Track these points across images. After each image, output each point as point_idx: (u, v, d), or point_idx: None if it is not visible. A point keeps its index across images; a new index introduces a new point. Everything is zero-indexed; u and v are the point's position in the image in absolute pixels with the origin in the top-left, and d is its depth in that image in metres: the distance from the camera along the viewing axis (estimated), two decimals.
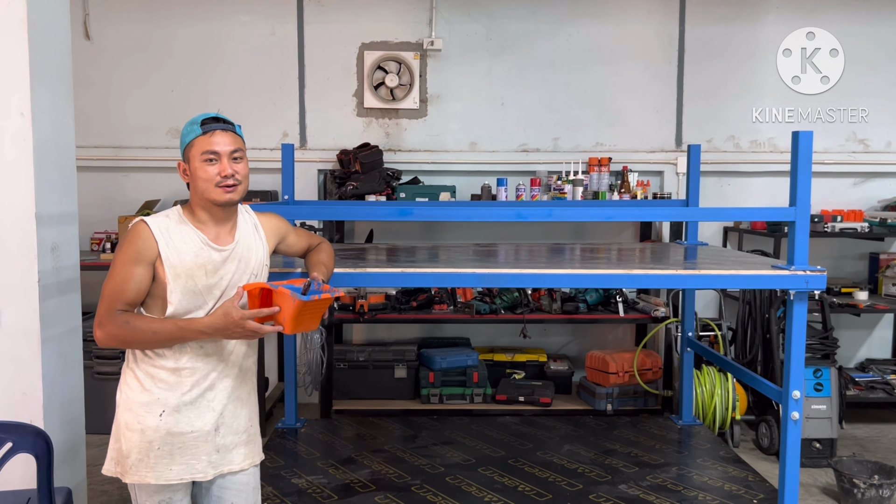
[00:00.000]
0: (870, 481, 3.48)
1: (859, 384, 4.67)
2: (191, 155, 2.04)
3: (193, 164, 2.04)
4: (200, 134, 2.04)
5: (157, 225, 2.01)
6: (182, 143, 2.07)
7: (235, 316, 1.89)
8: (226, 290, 2.06)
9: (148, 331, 1.93)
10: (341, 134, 5.00)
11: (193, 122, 2.06)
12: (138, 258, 1.96)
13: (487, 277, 2.77)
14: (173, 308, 1.98)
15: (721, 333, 4.56)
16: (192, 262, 2.01)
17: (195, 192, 2.06)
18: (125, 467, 2.02)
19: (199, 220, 2.07)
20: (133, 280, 1.95)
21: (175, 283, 1.98)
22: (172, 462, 2.01)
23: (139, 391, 2.01)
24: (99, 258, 4.62)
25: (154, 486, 2.01)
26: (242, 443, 2.14)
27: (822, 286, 2.75)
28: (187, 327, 1.94)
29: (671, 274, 2.83)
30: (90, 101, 4.95)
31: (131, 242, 1.98)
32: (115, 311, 1.93)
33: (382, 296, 4.64)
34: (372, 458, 3.43)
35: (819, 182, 4.83)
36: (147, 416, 1.99)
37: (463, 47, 5.04)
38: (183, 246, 2.01)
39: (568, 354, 5.23)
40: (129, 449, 2.00)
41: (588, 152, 5.05)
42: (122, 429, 2.03)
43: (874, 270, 5.09)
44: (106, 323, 1.92)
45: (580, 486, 3.12)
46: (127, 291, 1.95)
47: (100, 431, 4.31)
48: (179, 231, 2.03)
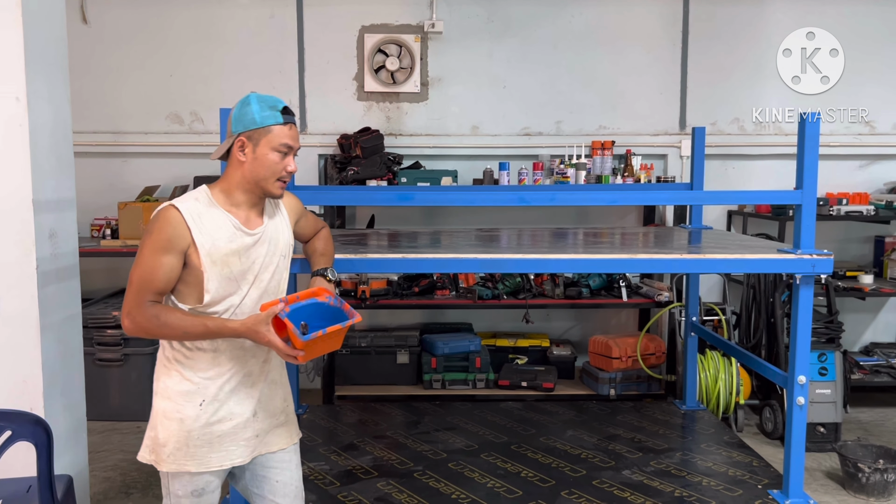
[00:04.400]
0: (874, 465, 3.46)
1: (864, 368, 4.65)
2: (263, 139, 1.95)
3: (262, 150, 1.96)
4: (281, 123, 1.97)
5: (188, 210, 1.92)
6: (251, 121, 1.96)
7: (263, 340, 1.86)
8: (258, 275, 2.01)
9: (178, 328, 1.87)
10: (342, 118, 4.95)
11: (270, 105, 1.97)
12: (169, 246, 1.88)
13: (490, 263, 2.74)
14: (210, 296, 1.93)
15: (725, 318, 4.53)
16: (226, 248, 1.94)
17: (247, 176, 1.97)
18: (161, 456, 1.97)
19: (232, 202, 2.00)
20: (163, 269, 1.88)
21: (212, 270, 1.92)
22: (212, 450, 1.98)
23: (178, 380, 1.97)
24: (99, 244, 4.60)
25: (190, 474, 1.97)
26: (279, 424, 2.13)
27: (829, 270, 2.72)
28: (217, 330, 1.89)
29: (675, 258, 2.80)
30: (88, 86, 4.91)
31: (161, 229, 1.89)
32: (145, 301, 1.87)
33: (384, 281, 4.62)
34: (374, 444, 3.42)
35: (824, 164, 4.73)
36: (187, 405, 1.95)
37: (464, 30, 4.98)
38: (216, 231, 1.94)
39: (571, 339, 5.21)
40: (167, 438, 1.96)
41: (591, 136, 5.00)
42: (159, 417, 1.98)
43: (879, 254, 5.05)
44: (135, 314, 1.87)
45: (583, 471, 3.11)
46: (156, 281, 1.88)
47: (101, 418, 4.34)
48: (211, 215, 1.95)
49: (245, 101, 1.99)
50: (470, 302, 4.58)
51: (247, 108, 1.97)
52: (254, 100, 1.98)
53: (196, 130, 5.01)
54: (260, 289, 2.03)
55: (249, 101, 1.98)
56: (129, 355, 4.39)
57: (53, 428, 2.10)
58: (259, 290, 2.02)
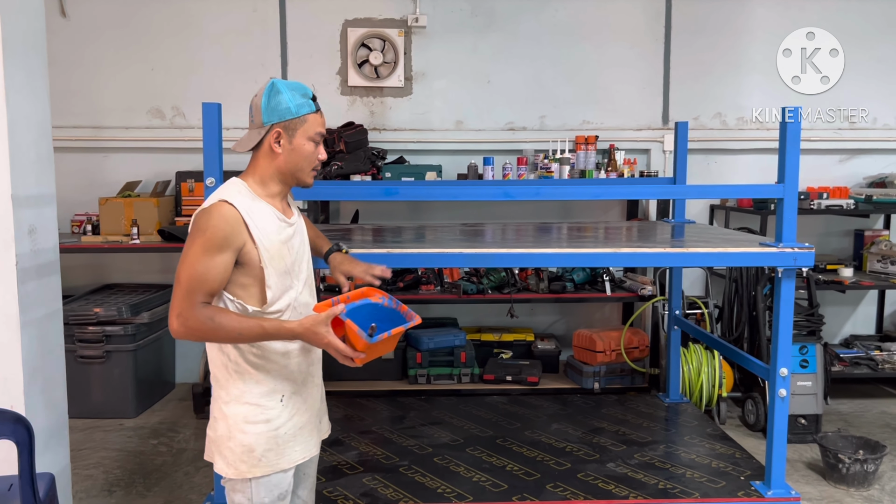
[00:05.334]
0: (854, 456, 3.51)
1: (844, 360, 4.71)
2: (300, 129, 1.92)
3: (298, 140, 1.92)
4: (314, 111, 1.93)
5: (242, 205, 1.85)
6: (286, 111, 1.90)
7: (323, 341, 1.82)
8: (301, 265, 2.00)
9: (234, 330, 1.79)
10: (325, 112, 4.89)
11: (303, 93, 1.93)
12: (225, 244, 1.81)
13: (474, 257, 2.74)
14: (272, 292, 1.88)
15: (707, 311, 4.57)
16: (277, 241, 1.91)
17: (282, 167, 1.93)
18: (251, 462, 1.91)
19: (269, 192, 1.95)
20: (218, 269, 1.80)
21: (270, 266, 1.88)
22: (296, 444, 1.98)
23: (255, 382, 1.92)
24: (80, 240, 4.55)
25: (276, 477, 1.94)
26: (325, 410, 2.18)
27: (810, 263, 2.75)
28: (275, 332, 1.83)
29: (658, 252, 2.81)
30: (68, 80, 4.85)
31: (217, 227, 1.80)
32: (198, 303, 1.78)
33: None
34: (359, 440, 3.42)
35: (805, 159, 4.79)
36: (269, 405, 1.93)
37: (448, 24, 4.97)
38: (267, 224, 1.89)
39: (555, 333, 5.23)
40: (255, 442, 1.91)
41: (575, 130, 5.01)
42: (240, 424, 1.91)
43: (859, 247, 5.11)
44: (187, 316, 1.78)
45: (568, 464, 3.12)
46: (211, 281, 1.80)
47: (83, 416, 4.30)
48: (258, 208, 1.90)
49: (274, 90, 1.92)
50: (455, 297, 4.58)
51: (279, 97, 1.91)
52: (284, 88, 1.92)
53: (178, 125, 4.97)
54: (302, 280, 2.01)
55: (280, 90, 1.91)
56: (111, 352, 4.34)
57: (34, 425, 2.07)
58: (302, 282, 2.01)
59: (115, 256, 5.01)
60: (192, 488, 3.50)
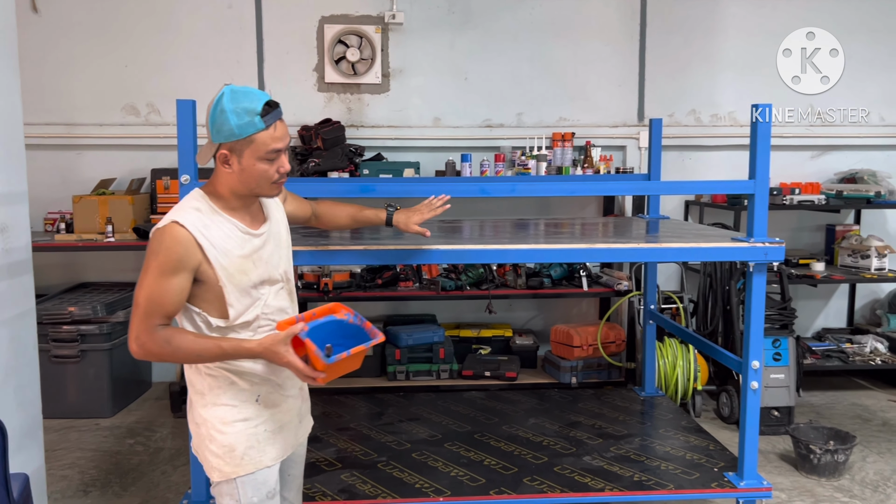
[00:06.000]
0: (825, 447, 3.58)
1: (816, 353, 4.79)
2: (246, 150, 1.79)
3: (247, 161, 1.80)
4: (263, 129, 1.78)
5: (194, 225, 1.79)
6: (229, 133, 1.77)
7: (283, 360, 1.79)
8: (272, 274, 1.93)
9: (192, 352, 1.78)
10: (302, 109, 4.91)
11: (247, 109, 1.77)
12: (178, 267, 1.77)
13: (452, 254, 2.75)
14: (234, 310, 1.85)
15: (682, 306, 4.63)
16: (238, 256, 1.84)
17: (236, 187, 1.85)
18: (234, 461, 1.90)
19: (230, 206, 1.88)
20: (174, 291, 1.77)
21: (230, 283, 1.83)
22: (276, 441, 1.97)
23: (227, 384, 1.90)
24: (53, 239, 4.50)
25: (261, 475, 1.92)
26: (308, 408, 2.15)
27: (781, 258, 2.79)
28: (233, 352, 1.80)
29: (634, 247, 2.84)
30: (39, 76, 4.79)
31: (170, 250, 1.76)
32: (155, 326, 1.76)
33: (347, 274, 4.61)
34: (338, 437, 3.42)
35: (778, 155, 4.88)
36: (245, 404, 1.91)
37: (425, 21, 4.97)
38: (226, 242, 1.83)
39: (533, 329, 5.26)
40: (235, 441, 1.89)
41: (551, 127, 5.04)
42: (217, 425, 1.90)
43: (830, 242, 5.20)
44: (145, 340, 1.76)
45: (545, 458, 3.15)
46: (166, 304, 1.77)
47: (58, 416, 4.26)
48: (217, 224, 1.84)
49: (218, 105, 1.79)
50: (433, 293, 4.59)
51: (223, 115, 1.78)
52: (228, 104, 1.77)
53: (153, 122, 4.92)
54: (276, 287, 1.96)
55: (224, 108, 1.77)
56: (86, 351, 4.30)
57: (8, 426, 2.05)
58: (276, 288, 1.96)
59: (89, 255, 4.96)
60: (170, 487, 3.48)
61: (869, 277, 4.74)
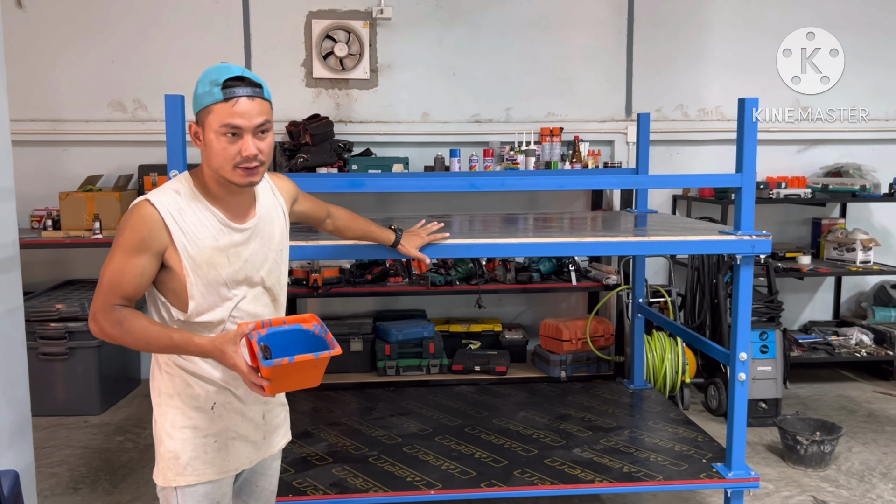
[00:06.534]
0: (812, 438, 3.62)
1: (802, 345, 4.84)
2: (206, 122, 1.68)
3: (208, 135, 1.69)
4: (221, 100, 1.66)
5: (166, 207, 1.70)
6: (195, 102, 1.70)
7: (229, 361, 1.64)
8: (251, 275, 1.82)
9: (141, 338, 1.66)
10: (290, 105, 4.90)
11: (212, 79, 1.67)
12: (142, 247, 1.68)
13: (441, 248, 2.76)
14: (195, 303, 1.74)
15: (671, 299, 4.66)
16: (210, 247, 1.73)
17: (208, 166, 1.73)
18: (177, 470, 1.81)
19: (212, 195, 1.76)
20: (132, 273, 1.68)
21: (195, 274, 1.72)
22: (228, 454, 1.86)
23: (183, 385, 1.81)
24: (40, 236, 4.47)
25: (202, 488, 1.82)
26: (282, 421, 2.04)
27: (768, 250, 2.81)
28: (183, 345, 1.67)
29: (621, 241, 2.86)
30: (25, 72, 4.75)
31: (134, 228, 1.68)
32: (111, 305, 1.67)
33: (336, 269, 4.61)
34: (328, 431, 3.43)
35: (765, 150, 4.91)
36: (197, 411, 1.82)
37: (413, 16, 4.97)
38: (200, 230, 1.73)
39: (522, 323, 5.28)
40: (181, 449, 1.81)
41: (540, 122, 5.05)
42: (167, 428, 1.82)
43: (817, 235, 5.25)
44: (100, 318, 1.67)
45: (535, 451, 3.17)
46: (124, 285, 1.68)
47: (47, 413, 4.24)
48: (193, 210, 1.73)
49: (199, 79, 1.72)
50: (423, 289, 4.60)
51: (197, 87, 1.71)
52: (203, 74, 1.71)
53: (140, 118, 4.90)
54: (256, 290, 1.85)
55: (199, 79, 1.71)
56: (75, 349, 4.28)
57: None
58: (255, 292, 1.84)
59: (77, 252, 4.93)
60: None
61: (854, 270, 4.79)
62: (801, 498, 3.38)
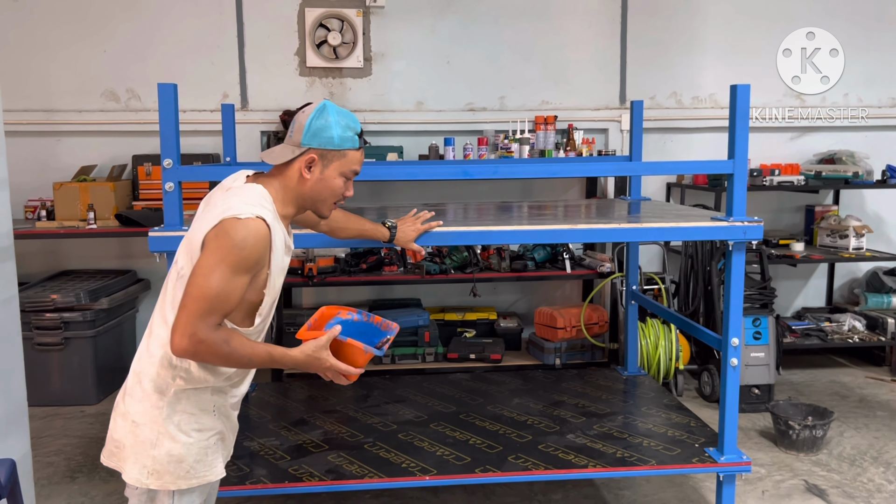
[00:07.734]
0: (804, 423, 3.65)
1: (795, 332, 4.87)
2: (336, 162, 1.84)
3: (331, 172, 1.84)
4: (357, 148, 1.86)
5: (273, 226, 1.76)
6: (328, 140, 1.82)
7: (325, 365, 1.81)
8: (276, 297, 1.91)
9: (244, 356, 1.71)
10: (284, 94, 4.89)
11: (352, 127, 1.85)
12: (255, 266, 1.73)
13: (436, 236, 2.77)
14: (261, 318, 1.84)
15: (664, 287, 4.68)
16: (281, 268, 1.84)
17: (306, 193, 1.85)
18: (178, 473, 1.80)
19: (285, 213, 1.87)
20: (238, 291, 1.70)
21: (270, 293, 1.82)
22: (219, 456, 1.91)
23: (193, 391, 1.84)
24: (34, 226, 4.47)
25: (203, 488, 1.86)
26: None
27: (760, 236, 2.83)
28: (280, 359, 1.78)
29: (615, 228, 2.87)
30: (17, 62, 4.74)
31: (254, 248, 1.69)
32: (214, 325, 1.66)
33: (332, 259, 4.61)
34: (324, 419, 3.44)
35: (758, 137, 4.96)
36: (203, 414, 1.85)
37: (406, 4, 4.96)
38: (279, 251, 1.81)
39: (517, 312, 5.30)
40: (186, 452, 1.81)
41: (534, 110, 5.05)
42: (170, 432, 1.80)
43: (810, 222, 5.27)
44: (203, 338, 1.64)
45: (529, 437, 3.19)
46: (232, 303, 1.69)
47: (43, 404, 4.25)
48: (277, 230, 1.80)
49: (323, 113, 1.83)
50: (418, 277, 4.61)
51: (326, 122, 1.82)
52: (334, 114, 1.83)
53: (133, 108, 4.89)
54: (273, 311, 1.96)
55: (329, 115, 1.83)
56: (70, 339, 4.29)
57: None
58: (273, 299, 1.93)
59: (71, 242, 4.93)
60: None
61: (847, 257, 4.81)
62: (792, 482, 3.42)
